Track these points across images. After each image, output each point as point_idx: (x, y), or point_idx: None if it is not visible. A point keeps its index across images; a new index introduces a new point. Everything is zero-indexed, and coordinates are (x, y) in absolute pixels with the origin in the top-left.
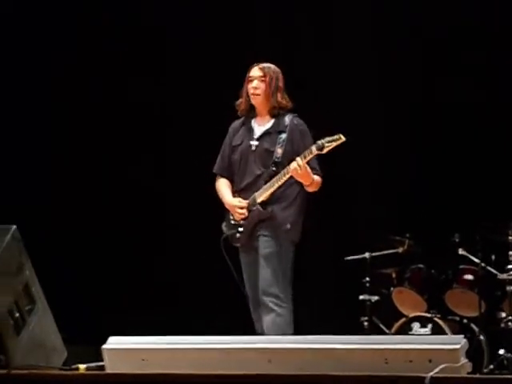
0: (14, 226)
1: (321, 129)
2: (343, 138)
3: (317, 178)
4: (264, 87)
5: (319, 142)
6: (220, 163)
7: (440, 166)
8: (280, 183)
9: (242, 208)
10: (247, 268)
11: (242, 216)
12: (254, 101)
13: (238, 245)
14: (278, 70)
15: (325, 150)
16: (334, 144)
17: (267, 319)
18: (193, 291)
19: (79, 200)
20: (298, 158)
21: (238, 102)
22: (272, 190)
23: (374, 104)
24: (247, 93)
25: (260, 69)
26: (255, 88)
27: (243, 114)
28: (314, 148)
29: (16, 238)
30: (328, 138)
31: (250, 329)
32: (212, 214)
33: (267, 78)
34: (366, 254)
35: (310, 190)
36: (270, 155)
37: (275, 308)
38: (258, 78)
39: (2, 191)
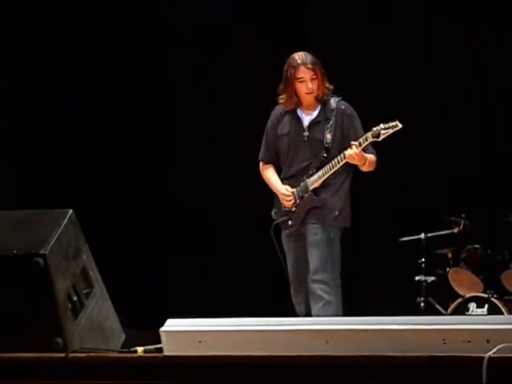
0: (71, 210)
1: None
2: (400, 125)
3: (371, 156)
4: (317, 84)
5: (375, 129)
6: (265, 151)
7: (495, 146)
8: (334, 170)
9: (289, 196)
10: (293, 254)
11: (290, 203)
12: (309, 98)
13: (288, 231)
14: (316, 58)
15: (381, 137)
16: (391, 131)
17: (316, 308)
18: (242, 275)
19: (138, 186)
20: (354, 146)
21: (282, 100)
22: (325, 177)
23: (425, 85)
24: (297, 91)
25: (309, 68)
26: (311, 89)
27: (288, 108)
28: (369, 135)
29: (73, 222)
30: (384, 125)
31: (292, 313)
32: (255, 200)
33: (318, 75)
34: (422, 235)
35: (366, 169)
36: (319, 143)
37: (324, 295)
38: (310, 78)
39: (61, 176)
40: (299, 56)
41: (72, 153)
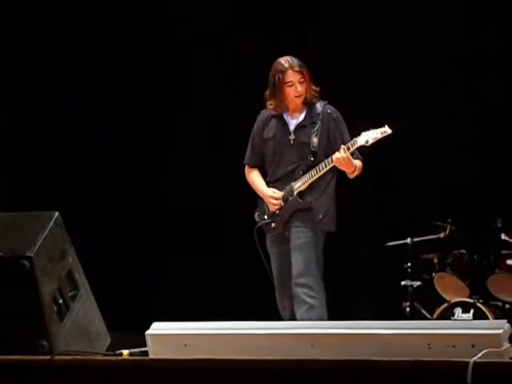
0: (57, 213)
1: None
2: (389, 131)
3: (358, 162)
4: (305, 87)
5: (364, 134)
6: (251, 154)
7: (481, 151)
8: (320, 174)
9: (276, 199)
10: (277, 258)
11: (277, 206)
12: (297, 101)
13: (271, 234)
14: (301, 61)
15: (370, 143)
16: (380, 136)
17: (300, 312)
18: (224, 279)
19: (122, 186)
20: (342, 150)
21: (271, 105)
22: (311, 180)
23: (414, 93)
24: (285, 95)
25: (296, 71)
26: (300, 91)
27: (277, 111)
28: (358, 140)
29: (59, 225)
30: (374, 130)
31: (277, 318)
32: (241, 204)
33: (306, 78)
34: (408, 240)
35: (352, 176)
36: (306, 147)
37: (308, 300)
38: (298, 81)
39: (48, 179)
40: (285, 60)
41: (71, 153)
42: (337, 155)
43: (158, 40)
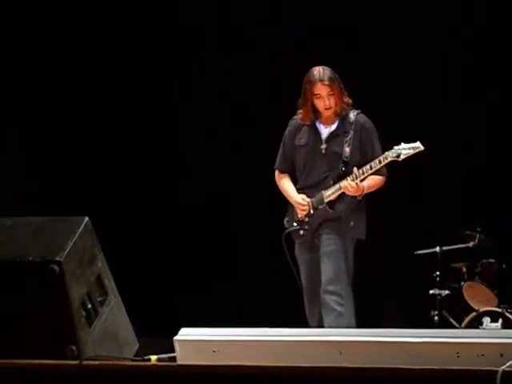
0: (87, 218)
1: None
2: (422, 148)
3: (373, 180)
4: (334, 100)
5: (396, 148)
6: (282, 160)
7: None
8: (340, 191)
9: (304, 205)
10: (306, 265)
11: (304, 213)
12: (326, 113)
13: (300, 241)
14: (334, 73)
15: (401, 158)
16: (412, 152)
17: (328, 319)
18: (251, 285)
19: (153, 193)
20: (351, 176)
21: (301, 115)
22: (340, 192)
23: (442, 100)
24: (312, 105)
25: (325, 85)
26: (328, 105)
27: (306, 122)
28: (390, 154)
29: (88, 230)
30: (406, 146)
31: (304, 325)
32: (270, 209)
33: (335, 91)
34: (437, 249)
35: (367, 192)
36: (337, 157)
37: (337, 307)
38: (327, 95)
39: (76, 184)
40: (317, 71)
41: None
42: (344, 183)
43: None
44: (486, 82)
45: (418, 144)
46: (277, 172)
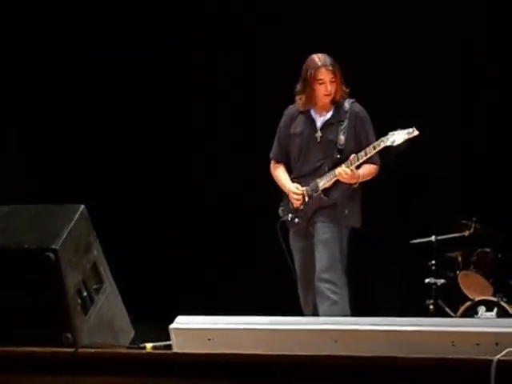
0: (82, 206)
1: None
2: (417, 132)
3: (367, 169)
4: (335, 87)
5: (391, 134)
6: (277, 150)
7: (508, 149)
8: (336, 178)
9: (298, 194)
10: (300, 253)
11: (299, 202)
12: (325, 100)
13: (294, 229)
14: (334, 60)
15: (396, 143)
16: (407, 137)
17: (323, 307)
18: (246, 274)
19: (147, 180)
20: (346, 163)
21: (299, 98)
22: (334, 179)
23: (440, 90)
24: (315, 92)
25: (329, 70)
26: (329, 91)
27: (305, 107)
28: (384, 139)
29: (84, 218)
30: (401, 131)
31: (299, 313)
32: (265, 198)
33: (337, 78)
34: (433, 238)
35: (362, 181)
36: (333, 145)
37: (331, 295)
38: (330, 81)
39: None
40: (319, 58)
41: (96, 147)
42: (338, 169)
43: (180, 38)
44: (485, 81)
45: (413, 129)
46: (272, 162)
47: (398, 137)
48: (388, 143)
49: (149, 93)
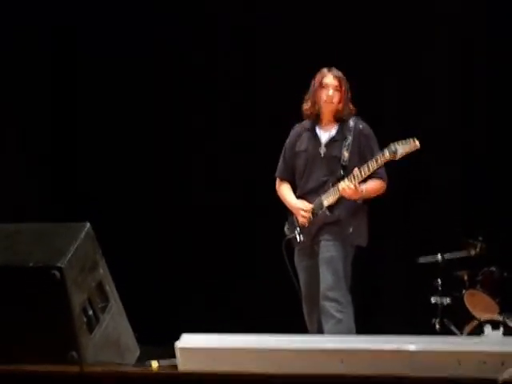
0: (88, 224)
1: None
2: (418, 144)
3: (372, 185)
4: (339, 97)
5: (392, 147)
6: (282, 167)
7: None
8: (339, 195)
9: (306, 211)
10: (305, 272)
11: (305, 219)
12: (326, 108)
13: (299, 248)
14: (344, 75)
15: (398, 156)
16: (408, 150)
17: (328, 326)
18: (253, 292)
19: (154, 200)
20: (349, 178)
21: (305, 107)
22: (338, 195)
23: (445, 104)
24: (318, 98)
25: (336, 77)
26: (331, 96)
27: (309, 118)
28: (387, 152)
29: (90, 236)
30: (402, 143)
31: (304, 331)
32: (272, 216)
33: (343, 88)
34: (439, 257)
35: (367, 197)
36: (337, 161)
37: (336, 314)
38: (334, 87)
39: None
40: (329, 67)
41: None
42: (342, 184)
43: (180, 38)
44: (485, 82)
45: (414, 141)
46: (277, 180)
47: (400, 149)
48: (390, 156)
49: (149, 93)
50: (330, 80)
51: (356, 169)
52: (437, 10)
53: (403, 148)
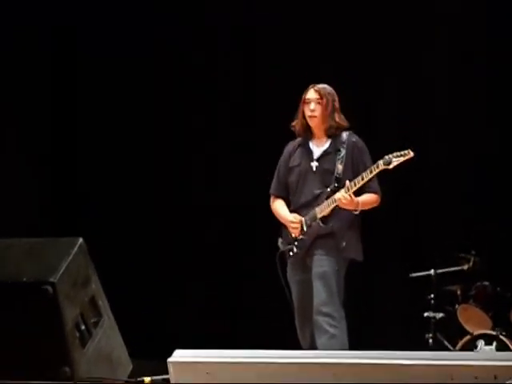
0: (81, 239)
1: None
2: (411, 154)
3: (367, 197)
4: (321, 110)
5: (386, 157)
6: (276, 184)
7: (506, 183)
8: (334, 205)
9: (295, 222)
10: (298, 286)
11: (296, 230)
12: (311, 123)
13: (293, 260)
14: (333, 91)
15: (392, 166)
16: (402, 159)
17: (321, 341)
18: (244, 306)
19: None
20: (344, 189)
21: (293, 124)
22: (332, 206)
23: (440, 123)
24: (303, 114)
25: (316, 91)
26: (312, 110)
27: (300, 135)
28: (381, 162)
29: (82, 251)
30: (396, 153)
31: (296, 346)
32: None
33: (324, 100)
34: (432, 271)
35: (363, 209)
36: (329, 174)
37: (329, 329)
38: (315, 101)
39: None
40: (314, 84)
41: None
42: (337, 195)
43: (180, 38)
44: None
45: (408, 150)
46: (272, 197)
47: (393, 159)
48: (384, 166)
49: (149, 93)
50: (311, 95)
51: (348, 181)
52: (437, 10)
53: (397, 159)
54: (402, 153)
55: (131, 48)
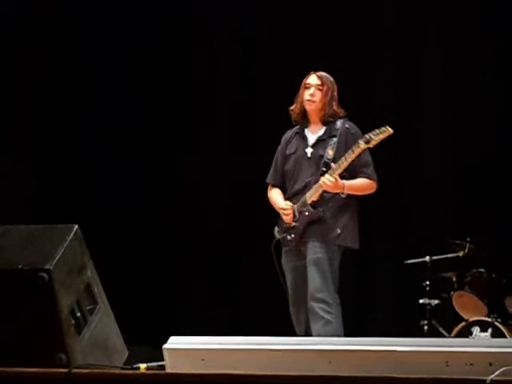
0: (76, 226)
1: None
2: (390, 130)
3: (358, 182)
4: (320, 96)
5: (366, 136)
6: (273, 173)
7: (502, 170)
8: (322, 189)
9: (286, 209)
10: (292, 273)
11: (288, 217)
12: (309, 107)
13: (288, 248)
14: (333, 80)
15: (372, 143)
16: (382, 136)
17: (316, 327)
18: (240, 294)
19: (154, 200)
20: (327, 175)
21: (292, 107)
22: (320, 190)
23: (436, 111)
24: (302, 98)
25: (318, 77)
26: (311, 95)
27: (296, 120)
28: (361, 142)
29: (78, 238)
30: (375, 131)
31: (292, 333)
32: (261, 221)
33: (324, 87)
34: (427, 258)
35: (358, 194)
36: (322, 160)
37: (324, 315)
38: (316, 86)
39: (65, 191)
40: (316, 71)
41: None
42: (322, 178)
43: (180, 38)
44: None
45: (386, 127)
46: (269, 186)
47: (373, 136)
48: (365, 145)
49: (149, 93)
50: (312, 80)
51: (332, 163)
52: (437, 9)
53: (377, 136)
54: (381, 130)
55: (131, 48)
